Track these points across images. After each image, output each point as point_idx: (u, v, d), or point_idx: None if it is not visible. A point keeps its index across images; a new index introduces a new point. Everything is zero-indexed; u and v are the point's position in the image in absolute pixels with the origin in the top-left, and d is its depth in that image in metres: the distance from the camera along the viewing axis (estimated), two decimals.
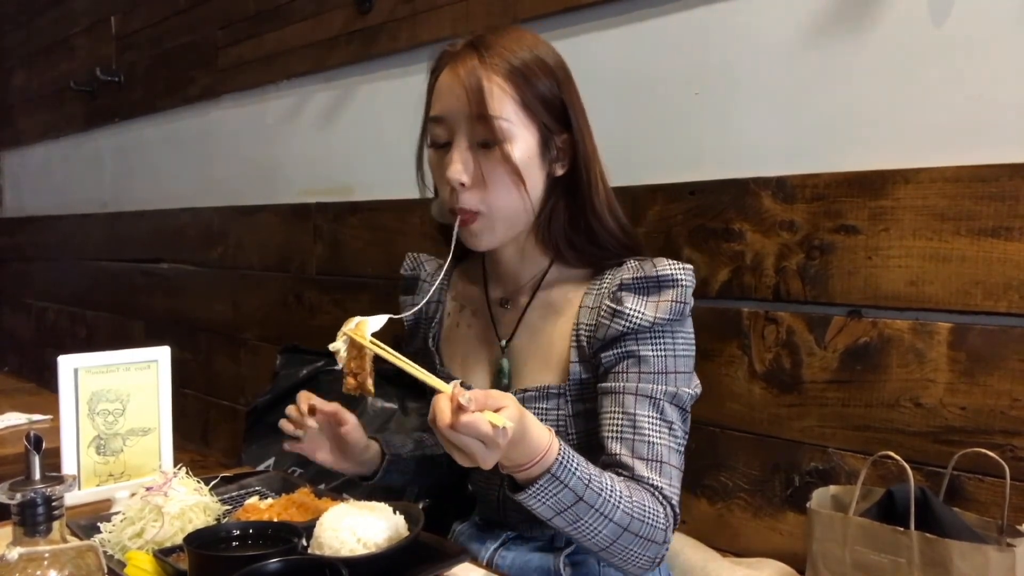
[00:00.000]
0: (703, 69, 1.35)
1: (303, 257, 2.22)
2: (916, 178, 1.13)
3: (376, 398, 1.73)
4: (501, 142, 0.97)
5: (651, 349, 0.99)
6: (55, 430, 1.16)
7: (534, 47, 1.01)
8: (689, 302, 1.00)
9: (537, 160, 1.01)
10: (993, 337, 1.07)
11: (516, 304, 1.10)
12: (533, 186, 1.01)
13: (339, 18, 2.01)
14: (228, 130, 2.51)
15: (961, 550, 0.96)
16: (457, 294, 1.19)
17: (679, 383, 1.00)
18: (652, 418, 0.97)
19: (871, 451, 1.14)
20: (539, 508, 0.87)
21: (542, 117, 1.00)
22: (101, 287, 3.27)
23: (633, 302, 0.99)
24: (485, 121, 0.96)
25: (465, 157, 0.98)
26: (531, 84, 0.99)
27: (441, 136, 1.01)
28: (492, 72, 0.97)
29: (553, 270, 1.09)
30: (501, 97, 0.97)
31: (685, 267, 1.00)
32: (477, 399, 0.78)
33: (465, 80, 0.97)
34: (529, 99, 0.98)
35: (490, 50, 0.98)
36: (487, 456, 0.79)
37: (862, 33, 1.18)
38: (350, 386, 0.91)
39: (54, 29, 3.50)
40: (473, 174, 0.98)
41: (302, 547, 0.85)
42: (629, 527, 0.90)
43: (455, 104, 0.98)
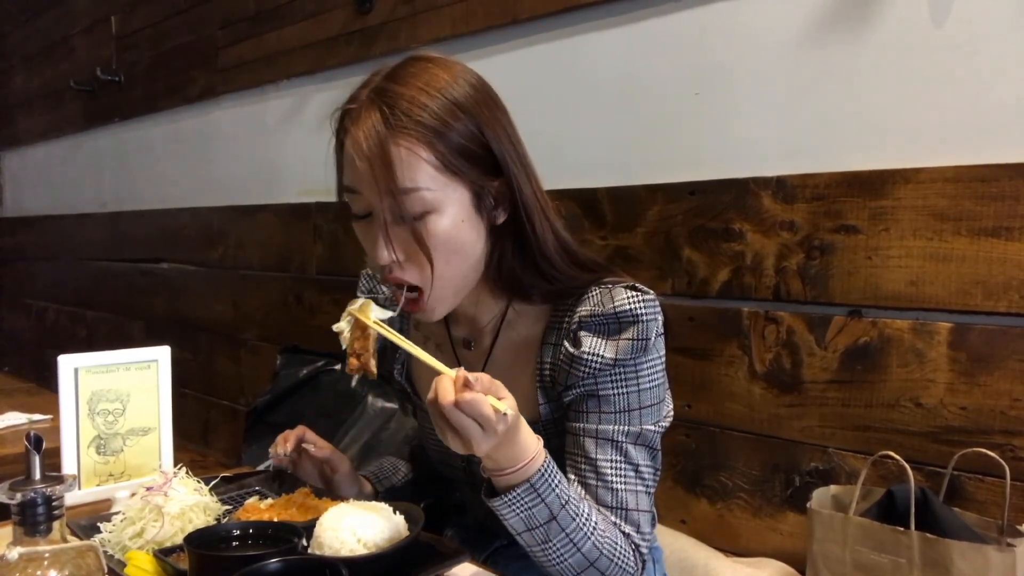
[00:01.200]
0: (703, 69, 1.35)
1: (303, 257, 2.22)
2: (916, 178, 1.13)
3: (376, 398, 1.73)
4: (425, 215, 0.86)
5: (612, 389, 0.92)
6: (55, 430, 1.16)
7: (445, 90, 0.87)
8: (651, 336, 0.92)
9: (472, 219, 0.90)
10: (993, 337, 1.07)
11: (480, 346, 1.04)
12: (472, 247, 0.91)
13: (339, 18, 2.01)
14: (228, 130, 2.51)
15: (961, 550, 0.96)
16: (420, 325, 1.11)
17: (644, 420, 0.93)
18: (615, 462, 0.92)
19: (871, 451, 1.14)
20: (511, 519, 0.85)
21: (468, 174, 0.88)
22: (101, 287, 3.27)
23: (591, 344, 0.92)
24: (400, 196, 0.85)
25: (387, 236, 0.87)
26: (447, 140, 0.86)
27: (360, 208, 0.91)
28: (400, 136, 0.85)
29: (511, 311, 1.01)
30: (415, 164, 0.85)
31: (645, 298, 0.91)
32: (483, 381, 0.78)
33: (369, 151, 0.84)
34: (448, 157, 0.86)
35: (395, 108, 0.85)
36: (482, 441, 0.78)
37: (862, 33, 1.18)
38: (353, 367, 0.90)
39: (54, 29, 3.50)
40: (402, 252, 0.88)
41: (302, 547, 0.85)
42: (596, 563, 0.87)
43: (365, 177, 0.86)
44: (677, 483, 1.39)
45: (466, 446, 0.79)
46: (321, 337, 2.11)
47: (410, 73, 0.89)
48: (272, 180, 2.34)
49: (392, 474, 1.18)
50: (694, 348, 1.36)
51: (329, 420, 1.73)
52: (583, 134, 1.53)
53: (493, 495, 0.86)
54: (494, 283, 0.98)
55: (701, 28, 1.35)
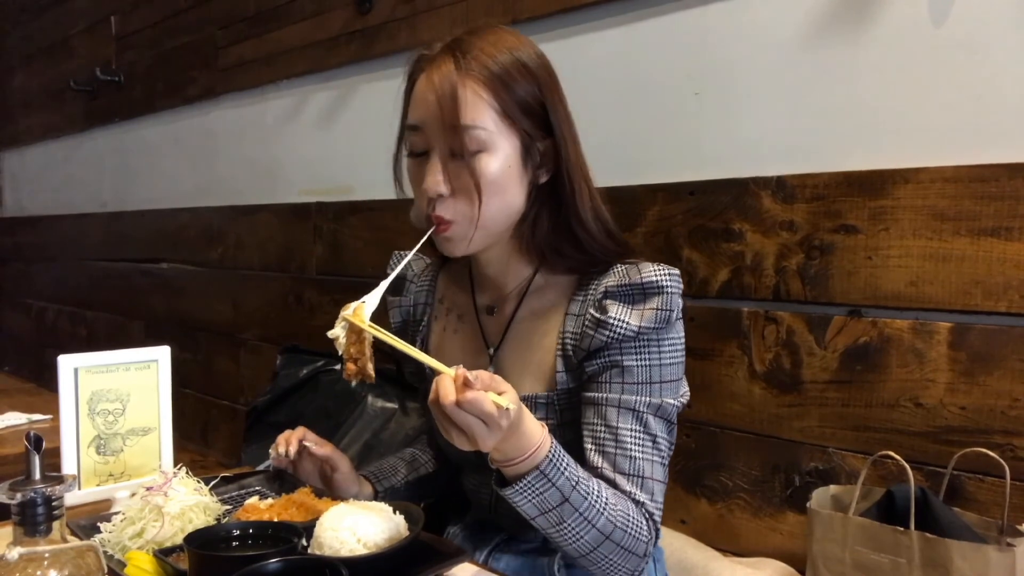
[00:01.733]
0: (703, 69, 1.35)
1: (303, 257, 2.22)
2: (916, 178, 1.13)
3: (376, 398, 1.73)
4: (478, 153, 0.93)
5: (635, 359, 0.96)
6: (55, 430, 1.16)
7: (515, 49, 0.97)
8: (675, 309, 0.96)
9: (518, 168, 0.97)
10: (993, 337, 1.07)
11: (503, 311, 1.08)
12: (514, 195, 0.98)
13: (339, 18, 2.01)
14: (228, 130, 2.51)
15: (961, 550, 0.96)
16: (444, 297, 1.17)
17: (664, 394, 0.97)
18: (635, 431, 0.95)
19: (871, 451, 1.14)
20: (524, 505, 0.87)
21: (523, 124, 0.96)
22: (101, 287, 3.27)
23: (617, 311, 0.96)
24: (460, 131, 0.92)
25: (442, 168, 0.95)
26: (511, 90, 0.94)
27: (418, 145, 0.98)
28: (469, 79, 0.93)
29: (538, 277, 1.06)
30: (478, 105, 0.93)
31: (671, 272, 0.97)
32: (483, 379, 0.78)
33: (439, 87, 0.93)
34: (508, 106, 0.94)
35: (467, 55, 0.94)
36: (487, 437, 0.79)
37: (862, 33, 1.18)
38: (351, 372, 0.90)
39: (54, 29, 3.50)
40: (451, 185, 0.95)
41: (302, 547, 0.85)
42: (612, 536, 0.89)
43: (430, 113, 0.94)
44: (677, 483, 1.39)
45: (471, 443, 0.80)
46: (321, 337, 2.10)
47: (484, 31, 0.99)
48: (272, 180, 2.34)
49: (392, 475, 1.18)
50: (694, 348, 1.36)
51: (329, 420, 1.73)
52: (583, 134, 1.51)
53: (504, 485, 0.87)
54: (526, 245, 1.03)
55: (701, 28, 1.35)
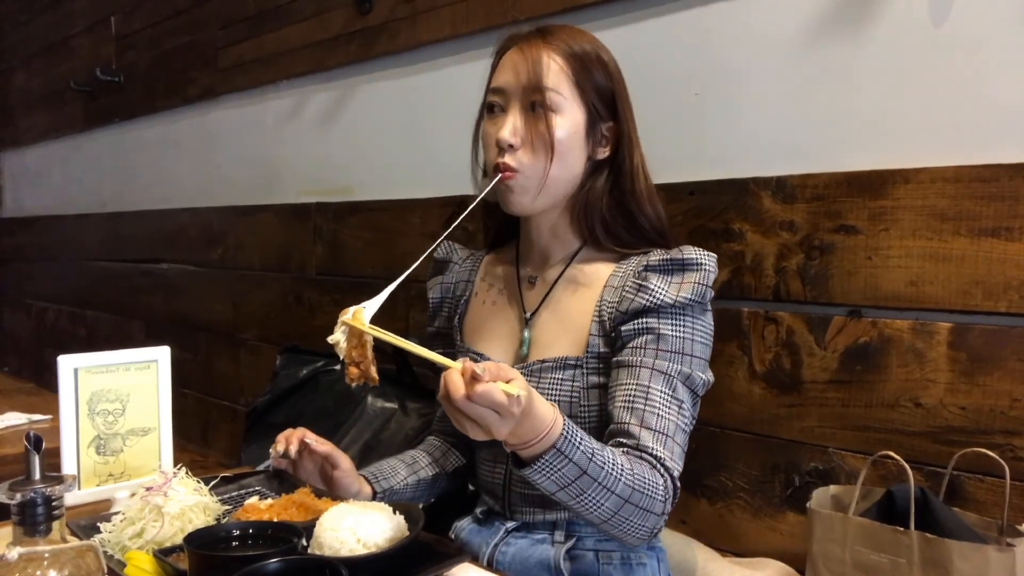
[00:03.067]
0: (703, 69, 1.35)
1: (303, 257, 2.22)
2: (916, 178, 1.13)
3: (376, 398, 1.73)
4: (551, 112, 1.04)
5: (671, 328, 1.02)
6: (55, 430, 1.16)
7: (593, 43, 1.10)
8: (709, 286, 1.04)
9: (582, 138, 1.07)
10: (993, 337, 1.07)
11: (544, 280, 1.15)
12: (575, 161, 1.08)
13: (339, 18, 2.01)
14: (228, 130, 2.51)
15: (961, 550, 0.96)
16: (487, 275, 1.24)
17: (695, 366, 1.03)
18: (664, 393, 1.00)
19: (871, 451, 1.14)
20: (544, 483, 0.88)
21: (592, 100, 1.07)
22: (101, 287, 3.27)
23: (657, 280, 1.03)
24: (539, 92, 1.04)
25: (516, 122, 1.06)
26: (587, 70, 1.07)
27: (498, 103, 1.09)
28: (553, 52, 1.06)
29: (583, 251, 1.13)
30: (558, 73, 1.05)
31: (710, 255, 1.05)
32: (490, 370, 0.79)
33: (527, 54, 1.05)
34: (583, 81, 1.06)
35: (554, 35, 1.07)
36: (501, 426, 0.81)
37: (862, 33, 1.18)
38: (353, 375, 0.90)
39: (54, 29, 3.50)
40: (522, 137, 1.05)
41: (302, 547, 0.85)
42: (630, 499, 0.92)
43: (514, 76, 1.06)
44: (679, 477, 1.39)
45: (486, 433, 0.82)
46: (321, 337, 2.10)
47: (569, 26, 1.12)
48: (272, 180, 2.34)
49: (391, 476, 1.18)
50: None
51: (329, 420, 1.73)
52: None
53: (521, 466, 0.88)
54: (578, 217, 1.12)
55: (701, 28, 1.35)
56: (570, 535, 1.09)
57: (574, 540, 1.08)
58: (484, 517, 1.17)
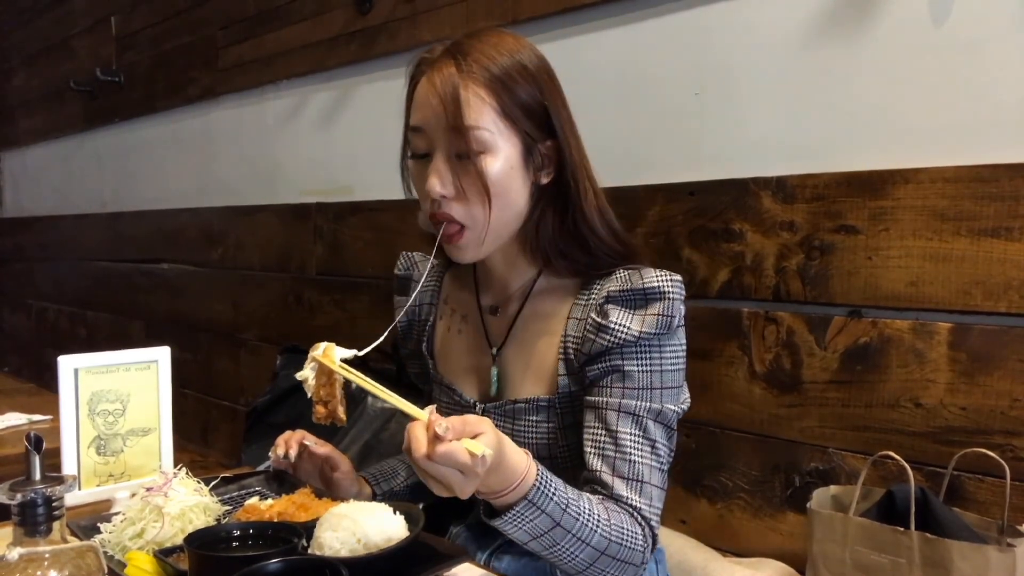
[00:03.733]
0: (703, 69, 1.35)
1: (303, 257, 2.22)
2: (916, 178, 1.13)
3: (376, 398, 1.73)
4: (480, 154, 0.94)
5: (636, 364, 0.96)
6: (55, 430, 1.16)
7: (515, 52, 0.98)
8: (676, 315, 0.96)
9: (520, 170, 0.98)
10: (993, 337, 1.07)
11: (506, 312, 1.08)
12: (516, 196, 0.98)
13: (339, 18, 2.01)
14: (228, 130, 2.51)
15: (961, 550, 0.96)
16: (449, 297, 1.17)
17: (664, 400, 0.97)
18: (635, 436, 0.95)
19: (871, 451, 1.14)
20: (515, 533, 0.86)
21: (524, 125, 0.97)
22: (101, 287, 3.27)
23: (618, 316, 0.96)
24: (463, 132, 0.93)
25: (444, 169, 0.96)
26: (511, 92, 0.95)
27: (421, 147, 0.99)
28: (470, 81, 0.94)
29: (542, 279, 1.06)
30: (479, 107, 0.94)
31: (673, 278, 0.97)
32: (454, 427, 0.76)
33: (441, 89, 0.94)
34: (509, 107, 0.95)
35: (468, 57, 0.95)
36: (465, 485, 0.77)
37: (862, 33, 1.18)
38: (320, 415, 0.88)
39: (54, 29, 3.50)
40: (453, 186, 0.96)
41: (302, 547, 0.85)
42: (607, 551, 0.89)
43: (433, 114, 0.95)
44: (677, 483, 1.39)
45: (449, 492, 0.78)
46: (321, 338, 2.11)
47: (484, 34, 1.00)
48: (272, 180, 2.34)
49: (391, 477, 1.18)
50: (694, 348, 1.35)
51: None
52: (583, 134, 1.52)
53: (493, 515, 0.86)
54: (531, 246, 1.04)
55: (701, 28, 1.35)
56: None
57: None
58: (479, 527, 1.16)
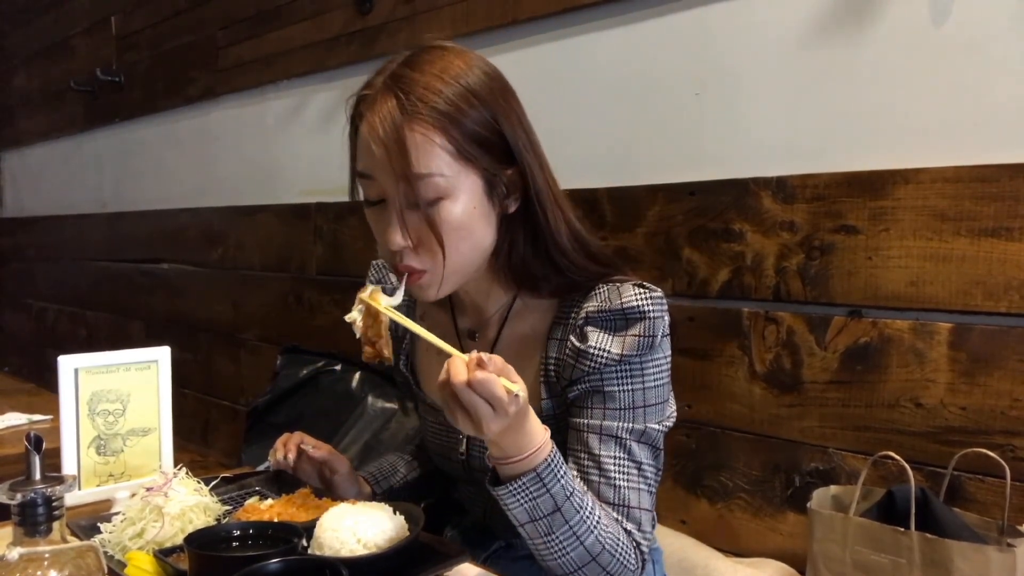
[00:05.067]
0: (703, 69, 1.35)
1: (303, 257, 2.22)
2: (916, 178, 1.13)
3: (376, 398, 1.73)
4: (438, 201, 0.87)
5: (617, 385, 0.93)
6: (55, 430, 1.16)
7: (461, 76, 0.89)
8: (658, 333, 0.92)
9: (484, 206, 0.91)
10: (993, 337, 1.07)
11: (484, 337, 1.04)
12: (483, 234, 0.92)
13: (339, 18, 2.01)
14: (228, 130, 2.51)
15: (961, 550, 0.96)
16: (425, 315, 1.12)
17: (648, 419, 0.94)
18: (619, 459, 0.92)
19: (871, 451, 1.14)
20: (515, 509, 0.85)
21: (481, 161, 0.89)
22: (101, 287, 3.27)
23: (597, 339, 0.92)
24: (412, 182, 0.86)
25: (400, 223, 0.88)
26: (462, 126, 0.87)
27: (372, 194, 0.92)
28: (415, 122, 0.86)
29: (518, 302, 1.02)
30: (430, 150, 0.86)
31: (653, 295, 0.92)
32: (495, 363, 0.77)
33: (384, 136, 0.85)
34: (462, 145, 0.87)
35: (410, 94, 0.86)
36: (492, 421, 0.77)
37: (862, 33, 1.18)
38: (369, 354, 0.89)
39: (54, 29, 3.50)
40: (414, 236, 0.89)
41: (302, 547, 0.85)
42: (599, 558, 0.87)
43: (380, 162, 0.87)
44: (677, 483, 1.39)
45: (476, 427, 0.78)
46: (321, 337, 2.11)
47: (425, 60, 0.90)
48: (272, 180, 2.34)
49: (391, 475, 1.18)
50: (694, 348, 1.36)
51: (329, 420, 1.73)
52: (583, 134, 1.53)
53: (498, 484, 0.85)
54: (504, 273, 0.99)
55: (701, 28, 1.35)
56: None
57: None
58: (475, 531, 1.16)
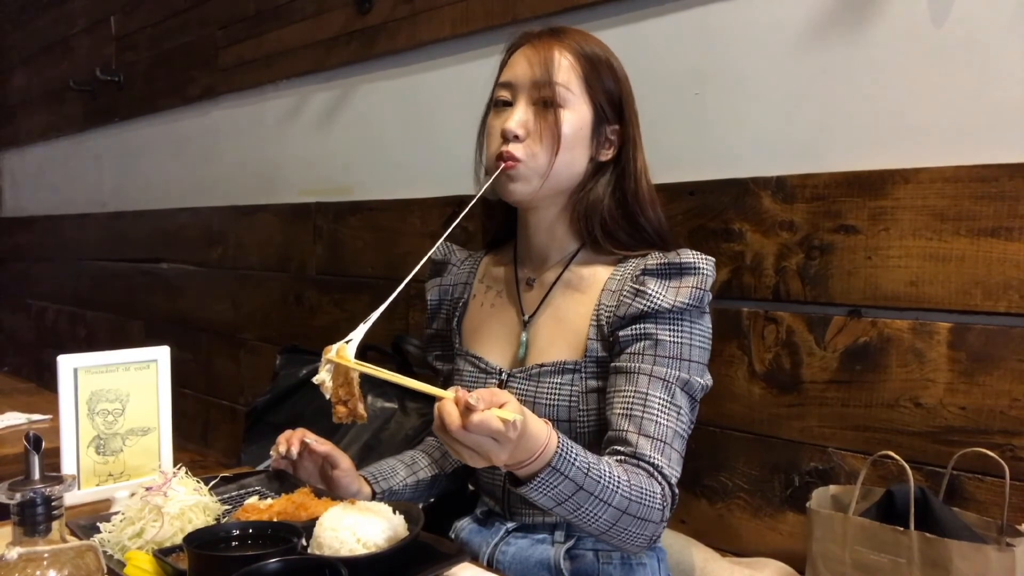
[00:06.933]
0: (703, 69, 1.35)
1: (303, 257, 2.22)
2: (916, 178, 1.13)
3: (376, 398, 1.73)
4: (559, 106, 1.05)
5: (668, 333, 1.02)
6: (55, 430, 1.16)
7: (606, 50, 1.11)
8: (708, 290, 1.04)
9: (587, 136, 1.08)
10: (993, 337, 1.07)
11: (542, 283, 1.15)
12: (579, 157, 1.09)
13: (339, 18, 2.01)
14: (228, 130, 2.51)
15: (961, 550, 0.96)
16: (485, 276, 1.24)
17: (692, 371, 1.03)
18: (663, 400, 1.00)
19: (871, 451, 1.14)
20: (541, 500, 0.88)
21: (600, 100, 1.08)
22: (101, 287, 3.27)
23: (655, 285, 1.03)
24: (549, 86, 1.05)
25: (524, 114, 1.06)
26: (597, 72, 1.08)
27: (505, 97, 1.09)
28: (565, 50, 1.07)
29: (582, 253, 1.13)
30: (568, 70, 1.06)
31: (708, 258, 1.05)
32: (483, 398, 0.79)
33: (539, 50, 1.07)
34: (592, 81, 1.08)
35: (567, 35, 1.09)
36: (500, 452, 0.80)
37: (862, 33, 1.18)
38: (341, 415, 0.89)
39: (54, 29, 3.50)
40: (528, 129, 1.06)
41: (302, 547, 0.85)
42: (628, 510, 0.92)
43: (525, 71, 1.07)
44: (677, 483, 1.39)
45: (485, 461, 0.81)
46: (321, 337, 2.11)
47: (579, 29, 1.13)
48: (272, 180, 2.34)
49: (391, 476, 1.19)
50: None
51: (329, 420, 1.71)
52: None
53: (518, 484, 0.88)
54: (578, 216, 1.11)
55: (701, 28, 1.35)
56: (570, 535, 1.09)
57: (574, 540, 1.08)
58: (484, 517, 1.17)
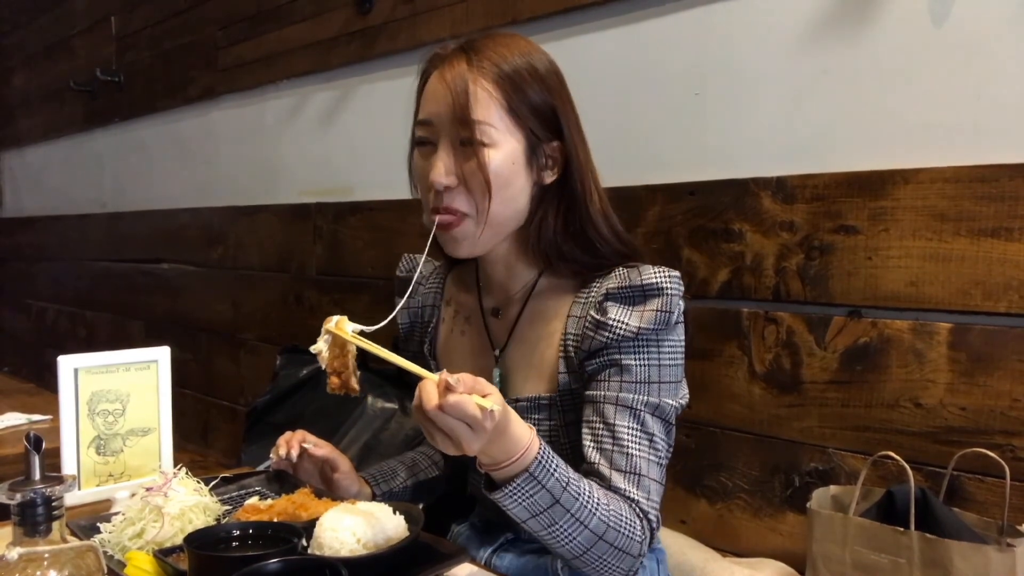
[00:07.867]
0: (703, 69, 1.35)
1: (303, 257, 2.22)
2: (916, 178, 1.13)
3: (376, 398, 1.73)
4: (483, 146, 0.96)
5: (634, 358, 0.97)
6: (55, 430, 1.16)
7: (527, 54, 1.00)
8: (674, 311, 0.98)
9: (523, 167, 0.99)
10: (993, 337, 1.07)
11: (507, 314, 1.09)
12: (519, 191, 1.00)
13: (339, 18, 2.01)
14: (228, 130, 2.51)
15: (961, 550, 0.96)
16: (452, 299, 1.18)
17: (662, 394, 0.97)
18: (632, 429, 0.96)
19: (871, 451, 1.14)
20: (514, 508, 0.86)
21: (530, 124, 0.98)
22: (101, 287, 3.27)
23: (617, 312, 0.97)
24: (468, 125, 0.95)
25: (448, 160, 0.97)
26: (520, 91, 0.97)
27: (426, 137, 1.01)
28: (480, 76, 0.96)
29: (542, 280, 1.07)
30: (487, 102, 0.96)
31: (671, 275, 0.98)
32: (465, 382, 0.78)
33: (451, 84, 0.96)
34: (516, 105, 0.97)
35: (480, 54, 0.98)
36: (472, 440, 0.78)
37: (862, 33, 1.18)
38: (334, 385, 0.90)
39: (54, 29, 3.50)
40: (455, 175, 0.97)
41: (302, 547, 0.85)
42: (604, 536, 0.89)
43: (441, 107, 0.97)
44: (677, 483, 1.39)
45: (457, 447, 0.79)
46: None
47: (497, 35, 1.03)
48: (272, 180, 2.34)
49: (391, 478, 1.18)
50: (694, 348, 1.35)
51: (329, 420, 1.73)
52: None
53: (493, 489, 0.86)
54: (532, 248, 1.05)
55: (701, 28, 1.35)
56: None
57: None
58: (482, 525, 1.16)
